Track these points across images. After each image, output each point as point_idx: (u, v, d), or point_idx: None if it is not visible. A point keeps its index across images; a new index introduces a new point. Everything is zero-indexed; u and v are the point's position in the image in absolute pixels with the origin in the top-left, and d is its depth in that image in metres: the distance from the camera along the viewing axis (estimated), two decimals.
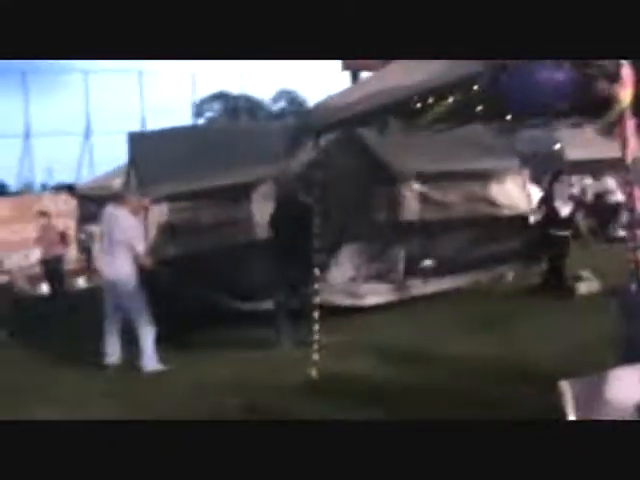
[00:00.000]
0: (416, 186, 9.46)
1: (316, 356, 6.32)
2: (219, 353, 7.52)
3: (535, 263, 10.10)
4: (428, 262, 9.13)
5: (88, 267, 16.72)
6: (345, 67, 24.56)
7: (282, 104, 49.20)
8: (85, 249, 16.93)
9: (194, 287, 8.10)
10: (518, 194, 10.25)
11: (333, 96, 6.61)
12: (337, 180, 8.25)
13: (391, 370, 6.50)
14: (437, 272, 9.23)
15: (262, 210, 8.62)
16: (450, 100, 4.49)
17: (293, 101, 47.96)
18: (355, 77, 24.91)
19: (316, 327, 6.40)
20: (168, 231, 8.60)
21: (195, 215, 8.72)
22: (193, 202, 8.66)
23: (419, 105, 4.74)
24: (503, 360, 6.48)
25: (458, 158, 9.32)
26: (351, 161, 8.82)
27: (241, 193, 8.89)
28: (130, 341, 7.46)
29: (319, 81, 43.74)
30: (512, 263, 9.92)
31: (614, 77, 3.22)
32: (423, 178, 9.41)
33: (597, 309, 7.32)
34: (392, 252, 9.01)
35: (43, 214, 12.73)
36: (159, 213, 8.50)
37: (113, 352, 7.49)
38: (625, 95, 3.24)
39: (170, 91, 56.05)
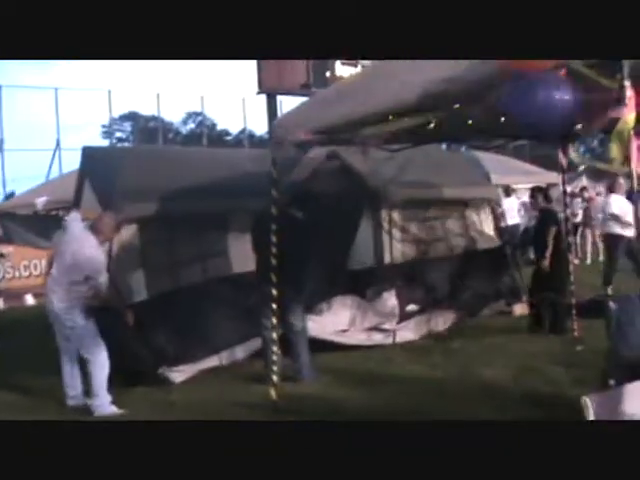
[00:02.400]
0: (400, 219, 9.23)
1: (275, 378, 6.22)
2: None
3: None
4: (413, 307, 8.72)
5: None
6: (261, 90, 24.39)
7: (192, 126, 48.85)
8: None
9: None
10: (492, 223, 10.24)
11: (291, 112, 6.46)
12: (325, 209, 7.71)
13: (344, 392, 6.51)
14: (422, 314, 8.81)
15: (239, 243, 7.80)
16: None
17: (202, 123, 47.50)
18: (271, 100, 24.82)
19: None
20: (136, 263, 7.45)
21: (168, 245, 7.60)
22: (163, 230, 7.50)
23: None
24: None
25: (437, 185, 9.22)
26: (337, 187, 8.26)
27: (217, 223, 7.89)
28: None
29: (234, 104, 43.47)
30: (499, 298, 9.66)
31: (619, 100, 3.33)
32: (407, 206, 9.16)
33: None
34: (385, 301, 8.41)
35: None
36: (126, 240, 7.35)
37: (74, 392, 6.57)
38: (630, 117, 3.36)
39: (86, 109, 54.25)
